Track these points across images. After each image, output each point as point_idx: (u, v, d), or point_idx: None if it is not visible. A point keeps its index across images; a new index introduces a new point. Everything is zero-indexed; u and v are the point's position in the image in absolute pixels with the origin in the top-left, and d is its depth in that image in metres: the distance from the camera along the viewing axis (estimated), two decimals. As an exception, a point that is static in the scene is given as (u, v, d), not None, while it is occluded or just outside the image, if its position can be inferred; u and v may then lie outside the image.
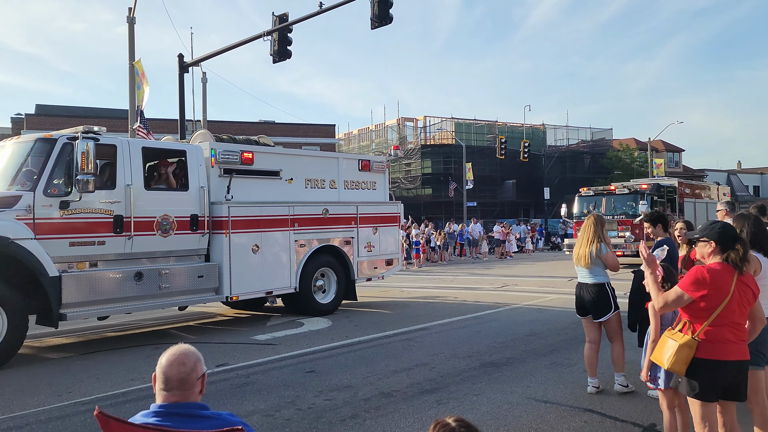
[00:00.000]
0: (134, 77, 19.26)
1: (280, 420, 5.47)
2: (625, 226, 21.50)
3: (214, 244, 9.93)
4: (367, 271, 12.36)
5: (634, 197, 21.83)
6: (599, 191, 23.37)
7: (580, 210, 23.23)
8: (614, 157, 51.63)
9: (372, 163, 12.78)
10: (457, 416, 1.99)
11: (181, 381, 2.38)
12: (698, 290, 3.55)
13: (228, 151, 10.17)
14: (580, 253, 6.15)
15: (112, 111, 40.56)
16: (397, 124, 49.66)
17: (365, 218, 12.27)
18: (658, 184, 23.23)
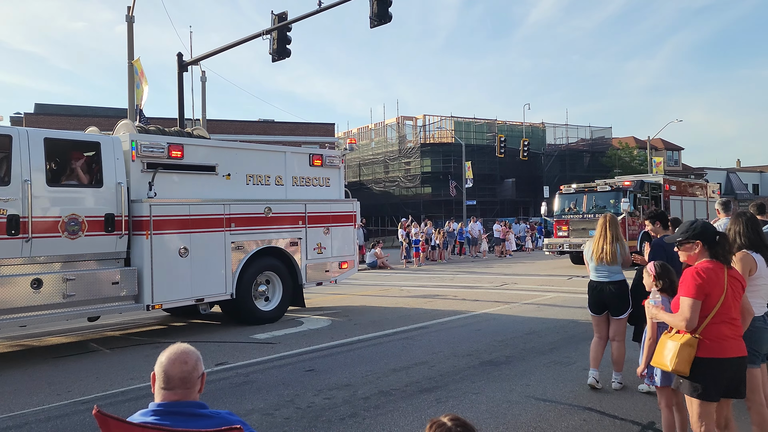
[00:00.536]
0: (133, 76, 19.25)
1: (280, 419, 5.47)
2: None
3: (134, 246, 8.93)
4: (318, 274, 11.45)
5: (616, 195, 20.99)
6: (580, 188, 22.47)
7: (561, 208, 22.45)
8: (614, 156, 51.70)
9: (325, 157, 11.82)
10: (453, 415, 1.99)
11: (183, 380, 2.38)
12: (703, 292, 3.56)
13: (152, 144, 9.19)
14: (606, 251, 6.16)
15: (112, 110, 40.53)
16: (396, 123, 49.65)
17: (315, 217, 11.34)
18: (642, 180, 22.41)
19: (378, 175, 50.43)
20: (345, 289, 16.02)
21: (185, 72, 20.40)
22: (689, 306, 3.56)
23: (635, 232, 20.77)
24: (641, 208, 21.02)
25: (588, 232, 20.29)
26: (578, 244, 20.38)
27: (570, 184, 23.29)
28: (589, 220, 20.94)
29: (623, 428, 5.11)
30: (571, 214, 21.73)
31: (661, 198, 22.44)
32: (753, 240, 4.27)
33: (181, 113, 20.46)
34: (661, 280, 4.60)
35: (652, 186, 22.36)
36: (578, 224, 21.42)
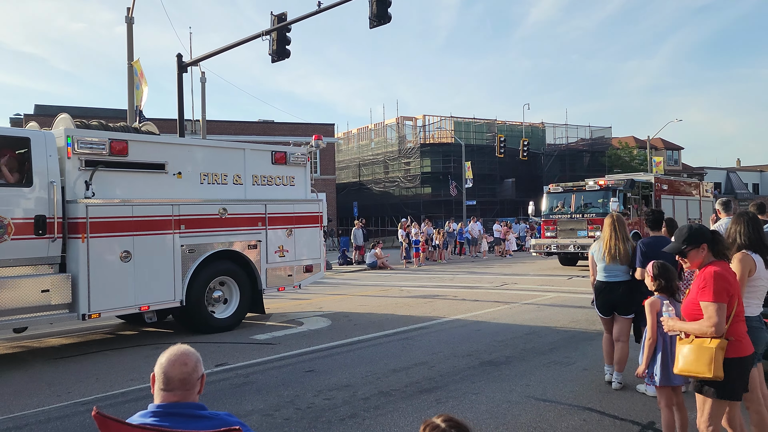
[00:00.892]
0: (133, 77, 19.26)
1: (280, 419, 5.48)
2: (595, 225, 19.74)
3: (70, 251, 8.29)
4: (280, 279, 10.82)
5: (605, 194, 20.13)
6: (568, 188, 21.58)
7: (548, 207, 21.62)
8: (613, 156, 51.75)
9: (288, 155, 11.07)
10: (446, 415, 1.99)
11: (183, 381, 2.38)
12: (728, 294, 3.54)
13: (91, 140, 8.55)
14: (620, 249, 6.16)
15: (112, 111, 40.52)
16: (396, 123, 49.67)
17: (276, 218, 10.70)
18: (632, 179, 21.64)
19: (378, 175, 50.44)
20: (345, 289, 16.03)
21: (185, 73, 20.41)
22: (717, 310, 3.48)
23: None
24: (631, 208, 20.52)
25: (576, 233, 20.02)
26: (566, 245, 20.00)
27: (558, 183, 22.54)
28: (577, 220, 20.45)
29: (623, 428, 5.12)
30: (558, 213, 21.03)
31: (652, 197, 21.82)
32: (753, 240, 4.26)
33: (180, 114, 20.48)
34: (659, 280, 4.60)
35: (642, 185, 21.70)
36: (566, 224, 20.70)
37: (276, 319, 11.12)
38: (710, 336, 3.50)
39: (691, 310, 3.69)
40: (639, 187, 21.26)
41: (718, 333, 3.47)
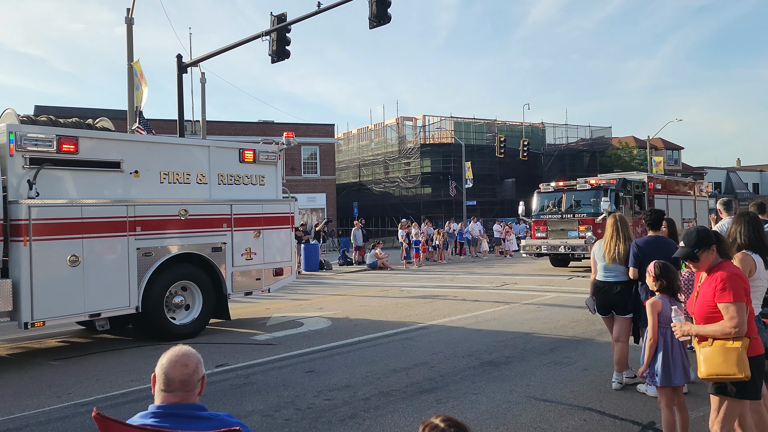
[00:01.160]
0: (133, 78, 19.27)
1: (280, 420, 5.48)
2: (586, 226, 19.35)
3: (11, 254, 7.77)
4: (247, 283, 10.31)
5: (597, 193, 19.58)
6: (559, 187, 21.05)
7: (539, 207, 21.16)
8: (613, 155, 51.74)
9: (258, 153, 10.58)
10: (445, 415, 1.99)
11: (183, 382, 2.39)
12: (746, 293, 3.55)
13: (36, 136, 8.00)
14: (620, 250, 6.15)
15: (112, 111, 40.50)
16: (396, 124, 49.67)
17: (243, 219, 10.20)
18: (624, 178, 21.04)
19: (378, 175, 50.44)
20: (345, 289, 16.03)
21: (185, 73, 20.42)
22: (738, 310, 3.46)
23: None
24: (623, 208, 19.90)
25: (567, 233, 19.65)
26: (556, 246, 19.62)
27: (549, 183, 21.97)
28: (568, 220, 19.99)
29: (623, 428, 5.12)
30: (549, 214, 20.61)
31: (645, 197, 21.27)
32: (753, 240, 4.26)
33: (180, 115, 20.47)
34: (659, 280, 4.60)
35: (635, 184, 21.12)
36: (557, 225, 20.24)
37: (276, 319, 11.12)
38: (733, 337, 3.47)
39: (705, 312, 3.63)
40: (632, 187, 20.79)
41: (742, 333, 3.45)
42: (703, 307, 3.65)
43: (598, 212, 19.02)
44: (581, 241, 19.06)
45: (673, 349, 4.49)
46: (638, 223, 19.57)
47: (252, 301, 14.18)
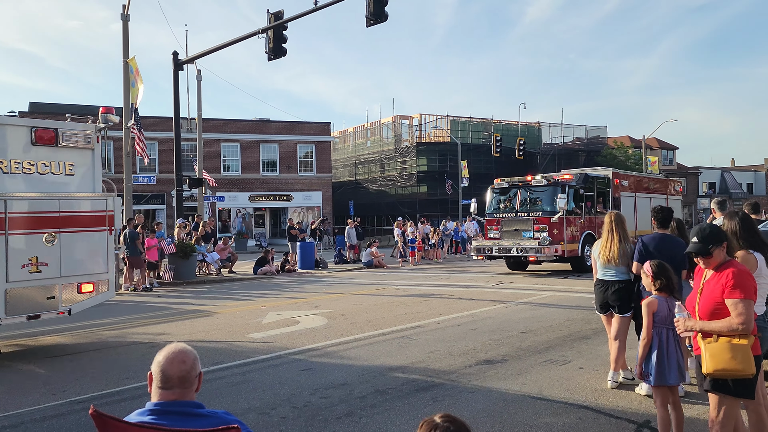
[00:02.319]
0: (128, 75, 19.22)
1: (276, 418, 5.47)
2: (541, 226, 17.85)
3: None
4: (32, 303, 8.02)
5: (553, 190, 18.05)
6: (514, 183, 19.43)
7: (493, 205, 19.68)
8: (609, 155, 51.85)
9: (61, 134, 8.34)
10: (445, 413, 2.03)
11: (182, 379, 2.38)
12: (754, 290, 3.57)
13: None
14: (614, 253, 6.16)
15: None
16: (392, 122, 49.65)
17: (28, 219, 7.99)
18: (586, 174, 19.47)
19: (374, 174, 50.42)
20: (341, 288, 16.02)
21: (180, 71, 20.39)
22: (746, 307, 3.48)
23: (576, 233, 18.34)
24: (584, 206, 18.76)
25: (521, 234, 18.34)
26: (509, 248, 18.29)
27: (504, 178, 20.39)
28: (522, 219, 18.53)
29: (619, 426, 5.13)
30: (503, 212, 19.20)
31: (610, 194, 19.97)
32: (751, 240, 4.26)
33: (176, 112, 20.42)
34: (659, 279, 4.60)
35: (598, 180, 19.69)
36: (511, 224, 18.79)
37: (272, 317, 11.10)
38: (740, 333, 3.48)
39: (711, 309, 3.64)
40: (594, 183, 19.38)
41: (748, 330, 3.48)
42: (708, 303, 3.66)
43: (554, 211, 17.74)
44: (534, 242, 17.66)
45: (669, 349, 4.50)
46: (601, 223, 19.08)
47: (247, 299, 14.18)
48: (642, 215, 20.84)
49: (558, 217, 17.59)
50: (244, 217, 41.19)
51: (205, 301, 13.95)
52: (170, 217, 34.32)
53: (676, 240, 5.92)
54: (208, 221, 22.24)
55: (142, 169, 36.34)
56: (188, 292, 15.94)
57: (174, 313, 12.12)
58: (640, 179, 22.50)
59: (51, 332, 10.15)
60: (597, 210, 19.16)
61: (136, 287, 16.43)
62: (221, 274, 19.90)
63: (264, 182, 41.26)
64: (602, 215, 18.77)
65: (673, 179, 25.62)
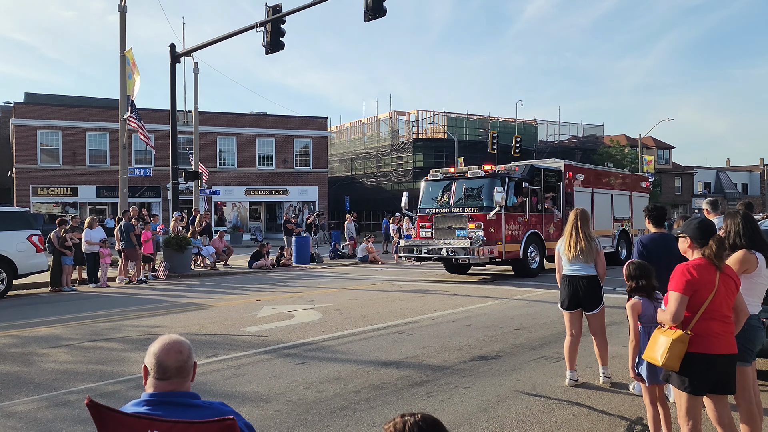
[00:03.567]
0: (125, 66, 19.13)
1: (271, 411, 5.48)
2: (476, 223, 15.71)
3: None
4: None
5: (492, 182, 15.98)
6: (449, 175, 17.37)
7: (427, 200, 17.49)
8: (605, 154, 51.96)
9: None
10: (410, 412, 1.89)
11: (179, 369, 2.39)
12: (691, 288, 3.63)
13: None
14: (582, 247, 6.14)
15: (103, 100, 40.26)
16: (389, 118, 49.61)
17: None
18: (532, 165, 17.41)
19: (370, 169, 50.38)
20: (336, 283, 16.03)
21: (178, 63, 20.32)
22: (675, 300, 3.65)
23: (518, 232, 16.33)
24: (529, 202, 16.79)
25: (455, 232, 16.18)
26: (438, 248, 15.94)
27: (438, 169, 18.31)
28: (456, 215, 16.33)
29: (611, 423, 5.16)
30: (436, 207, 17.07)
31: (562, 189, 18.12)
32: (754, 239, 4.27)
33: (173, 105, 20.35)
34: (633, 280, 4.61)
35: (547, 173, 17.73)
36: (444, 221, 16.59)
37: (266, 311, 11.11)
38: (669, 325, 3.70)
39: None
40: (542, 176, 17.48)
41: (673, 321, 3.65)
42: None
43: (490, 206, 15.67)
44: (466, 242, 15.48)
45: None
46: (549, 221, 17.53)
47: (242, 293, 14.17)
48: (601, 213, 19.37)
49: (495, 213, 15.49)
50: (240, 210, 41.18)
51: (200, 294, 13.94)
52: (165, 209, 34.27)
53: (674, 238, 5.92)
54: (204, 214, 22.20)
55: (137, 162, 36.25)
56: (183, 286, 15.92)
57: (169, 305, 12.10)
58: (598, 173, 20.64)
59: (45, 323, 10.14)
60: (545, 206, 17.42)
61: (131, 280, 16.41)
62: (216, 268, 19.89)
63: (260, 176, 41.21)
64: (550, 212, 17.48)
65: (639, 174, 23.57)
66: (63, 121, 36.21)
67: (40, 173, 35.85)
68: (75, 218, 16.95)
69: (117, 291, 14.83)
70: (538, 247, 17.07)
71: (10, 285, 13.96)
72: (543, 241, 17.14)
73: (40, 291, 15.07)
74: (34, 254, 14.30)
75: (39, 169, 35.87)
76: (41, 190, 35.90)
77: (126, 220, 16.61)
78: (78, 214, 30.70)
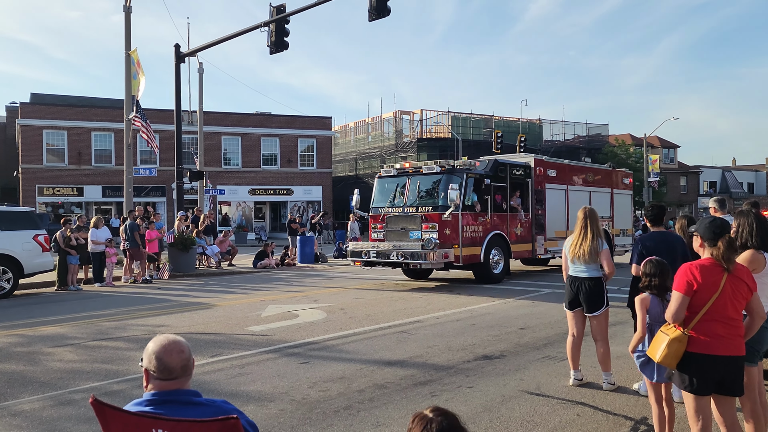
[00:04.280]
0: (130, 67, 19.19)
1: (275, 410, 5.49)
2: (430, 224, 14.11)
3: None
4: None
5: (448, 179, 14.36)
6: (404, 170, 15.39)
7: (380, 198, 15.65)
8: (610, 153, 51.80)
9: None
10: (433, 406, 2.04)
11: (184, 368, 2.41)
12: (691, 288, 3.61)
13: None
14: (585, 249, 6.09)
15: (108, 100, 40.37)
16: (393, 117, 49.60)
17: None
18: (496, 160, 15.86)
19: (374, 169, 50.24)
20: (340, 282, 16.04)
21: (182, 63, 20.36)
22: (675, 300, 3.67)
23: (478, 234, 14.74)
24: (491, 200, 15.17)
25: (408, 234, 14.50)
26: (388, 252, 14.20)
27: (393, 164, 16.27)
28: (411, 216, 14.56)
29: (616, 423, 5.15)
30: (389, 206, 15.26)
31: (531, 185, 16.64)
32: (765, 240, 4.23)
33: (177, 105, 20.40)
34: (647, 278, 4.61)
35: (514, 169, 16.15)
36: (397, 222, 14.86)
37: (271, 311, 11.12)
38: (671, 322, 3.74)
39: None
40: (507, 173, 15.89)
41: (672, 320, 3.70)
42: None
43: (445, 205, 13.96)
44: (418, 245, 13.74)
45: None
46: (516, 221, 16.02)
47: (247, 292, 14.20)
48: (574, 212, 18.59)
49: (450, 213, 13.91)
50: (244, 210, 41.24)
51: (205, 293, 13.98)
52: (170, 209, 34.36)
53: (674, 236, 5.90)
54: (208, 214, 22.25)
55: (143, 162, 36.36)
56: (188, 285, 15.96)
57: (173, 305, 12.14)
58: (574, 169, 19.12)
59: (51, 322, 10.18)
60: (511, 205, 15.94)
61: (135, 279, 16.46)
62: (221, 267, 19.92)
63: (264, 176, 41.27)
64: (516, 212, 16.02)
65: (621, 170, 21.93)
66: (68, 121, 36.35)
67: (45, 173, 35.99)
68: (81, 218, 17.05)
69: (122, 290, 14.88)
70: (503, 250, 15.52)
71: (17, 284, 14.04)
72: (508, 244, 15.70)
73: (46, 290, 15.13)
74: (40, 254, 14.37)
75: (45, 169, 36.01)
76: (47, 190, 36.04)
77: (131, 219, 16.67)
78: (84, 213, 30.82)
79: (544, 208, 17.14)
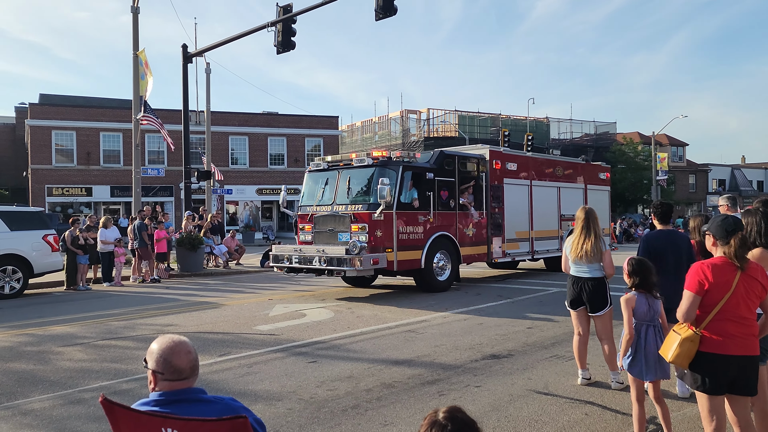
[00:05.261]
0: (138, 67, 19.28)
1: (283, 409, 5.50)
2: (360, 225, 12.37)
3: None
4: None
5: (381, 172, 12.53)
6: (334, 164, 13.60)
7: (309, 195, 13.86)
8: (618, 151, 51.58)
9: None
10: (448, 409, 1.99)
11: (193, 368, 2.43)
12: (703, 288, 3.57)
13: None
14: (587, 249, 6.07)
15: (117, 101, 40.57)
16: (400, 116, 49.58)
17: None
18: (442, 152, 14.03)
19: (381, 168, 50.29)
20: (348, 281, 16.04)
21: (190, 63, 20.43)
22: (686, 299, 3.63)
23: (418, 235, 12.97)
24: (436, 197, 13.40)
25: (337, 236, 12.78)
26: (310, 257, 12.53)
27: (324, 157, 14.43)
28: (340, 215, 12.80)
29: (624, 422, 5.13)
30: (318, 204, 13.47)
31: (486, 180, 14.88)
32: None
33: (185, 105, 20.48)
34: (631, 277, 4.61)
35: (463, 161, 14.36)
36: (325, 222, 13.11)
37: (278, 310, 11.15)
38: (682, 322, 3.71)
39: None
40: (455, 166, 14.07)
41: (684, 320, 3.66)
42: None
43: (376, 202, 12.19)
44: (342, 249, 12.04)
45: (647, 347, 4.51)
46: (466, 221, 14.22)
47: (254, 291, 14.24)
48: (544, 210, 16.54)
49: (381, 212, 12.14)
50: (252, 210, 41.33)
51: (213, 293, 14.03)
52: (178, 209, 34.50)
53: (680, 235, 5.86)
54: (216, 214, 22.34)
55: (151, 162, 36.54)
56: (196, 284, 16.02)
57: (182, 304, 12.19)
58: (540, 162, 17.14)
59: (60, 322, 10.24)
60: (461, 203, 14.13)
61: (144, 279, 16.54)
62: (229, 267, 19.99)
63: (272, 175, 41.36)
64: (467, 210, 14.20)
65: (596, 164, 20.16)
66: (77, 122, 36.57)
67: (54, 173, 36.22)
68: (92, 217, 17.15)
69: (131, 290, 14.96)
70: (450, 254, 13.67)
71: (26, 284, 14.15)
72: (457, 246, 13.85)
73: (56, 290, 15.23)
74: (50, 253, 14.48)
75: (54, 170, 36.24)
76: (56, 190, 36.27)
77: (139, 219, 16.75)
78: (93, 213, 31.00)
79: (503, 205, 15.31)
